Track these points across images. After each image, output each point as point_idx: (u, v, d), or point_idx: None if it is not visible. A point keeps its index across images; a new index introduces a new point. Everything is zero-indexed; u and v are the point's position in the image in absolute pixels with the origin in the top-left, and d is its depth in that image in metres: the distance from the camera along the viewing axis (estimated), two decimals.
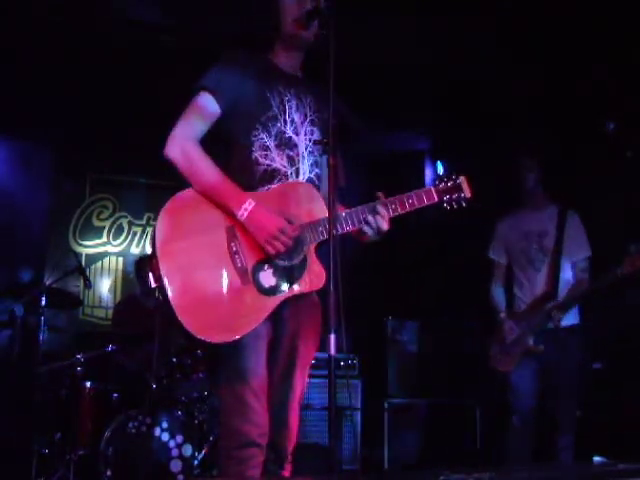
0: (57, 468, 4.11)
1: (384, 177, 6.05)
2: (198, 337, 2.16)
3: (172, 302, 2.15)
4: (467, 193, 2.45)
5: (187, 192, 2.31)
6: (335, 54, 2.10)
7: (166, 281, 2.16)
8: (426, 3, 4.37)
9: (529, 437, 3.81)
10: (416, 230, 4.93)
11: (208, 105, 2.36)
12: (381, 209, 2.36)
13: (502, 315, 3.99)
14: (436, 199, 2.43)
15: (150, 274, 2.20)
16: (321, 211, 2.34)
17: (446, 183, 2.44)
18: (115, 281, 6.47)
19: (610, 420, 4.14)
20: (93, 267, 6.39)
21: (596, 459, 2.21)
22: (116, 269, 6.48)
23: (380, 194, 2.40)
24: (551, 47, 4.60)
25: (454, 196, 2.44)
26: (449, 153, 5.87)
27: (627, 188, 4.36)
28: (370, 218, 2.35)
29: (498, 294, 4.11)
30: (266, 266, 2.27)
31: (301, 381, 2.42)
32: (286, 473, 2.38)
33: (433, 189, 2.43)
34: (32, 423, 4.28)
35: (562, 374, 3.76)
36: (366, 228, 2.37)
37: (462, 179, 2.46)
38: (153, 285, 2.19)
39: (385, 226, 2.36)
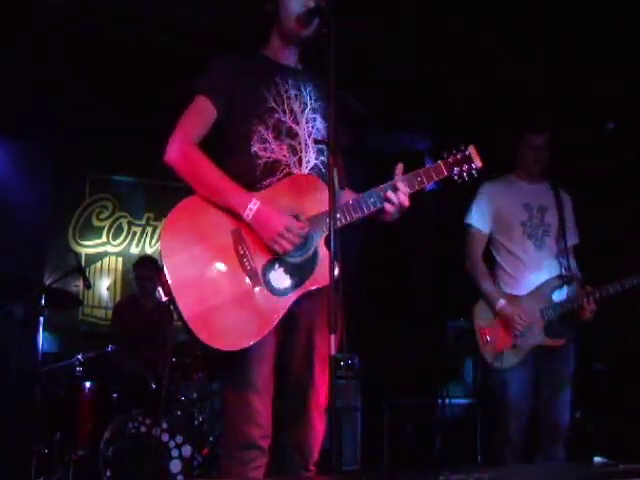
0: (57, 468, 4.11)
1: (384, 177, 6.03)
2: (213, 347, 2.11)
3: (184, 314, 2.10)
4: (478, 162, 2.39)
5: (189, 200, 2.27)
6: (335, 53, 2.10)
7: (175, 294, 2.12)
8: (426, 3, 4.38)
9: (525, 445, 3.35)
10: (417, 228, 4.93)
11: (205, 108, 2.36)
12: (401, 185, 2.32)
13: (503, 303, 3.41)
14: (445, 173, 2.37)
15: (160, 288, 2.17)
16: (327, 202, 2.27)
17: (455, 155, 2.38)
18: (115, 281, 6.47)
19: (610, 420, 4.13)
20: (93, 267, 6.40)
21: (596, 459, 2.20)
22: (116, 269, 6.48)
23: (399, 167, 2.35)
24: (551, 47, 4.61)
25: (464, 167, 2.38)
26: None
27: (627, 188, 4.36)
28: (391, 194, 2.31)
29: (486, 274, 3.52)
30: (276, 265, 2.22)
31: (323, 377, 2.30)
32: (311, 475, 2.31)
33: (442, 163, 2.38)
34: (32, 423, 4.28)
35: (560, 368, 3.42)
36: (388, 206, 2.32)
37: (471, 149, 2.39)
38: (164, 299, 2.15)
39: (406, 202, 2.32)
